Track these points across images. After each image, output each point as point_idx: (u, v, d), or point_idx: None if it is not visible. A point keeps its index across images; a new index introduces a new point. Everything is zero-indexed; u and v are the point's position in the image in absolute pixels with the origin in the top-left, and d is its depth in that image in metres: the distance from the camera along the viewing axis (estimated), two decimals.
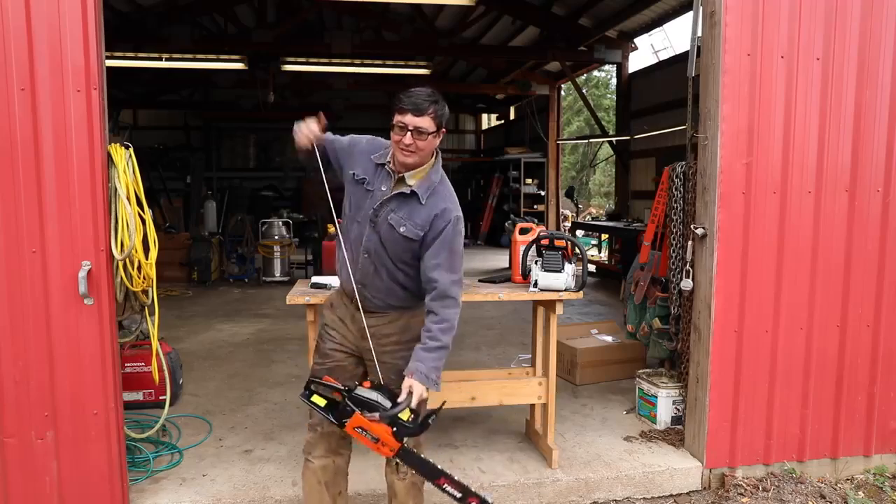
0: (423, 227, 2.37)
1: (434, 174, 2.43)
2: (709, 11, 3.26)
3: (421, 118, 2.29)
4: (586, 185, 22.07)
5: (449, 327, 2.37)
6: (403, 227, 2.37)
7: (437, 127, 2.34)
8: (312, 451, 2.54)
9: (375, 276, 2.44)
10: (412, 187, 2.37)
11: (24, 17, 2.63)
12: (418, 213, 2.37)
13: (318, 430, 2.52)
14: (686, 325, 3.70)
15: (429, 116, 2.30)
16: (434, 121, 2.32)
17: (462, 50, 11.57)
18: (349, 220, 2.50)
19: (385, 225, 2.38)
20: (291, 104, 14.95)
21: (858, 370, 3.47)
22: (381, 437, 2.21)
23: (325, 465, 2.54)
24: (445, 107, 2.37)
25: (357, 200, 2.46)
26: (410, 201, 2.38)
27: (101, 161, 2.74)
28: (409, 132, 2.29)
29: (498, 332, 6.53)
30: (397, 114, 2.31)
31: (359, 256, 2.43)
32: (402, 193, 2.37)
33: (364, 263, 2.43)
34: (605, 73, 21.07)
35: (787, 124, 3.27)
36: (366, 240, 2.42)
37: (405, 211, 2.38)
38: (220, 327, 6.73)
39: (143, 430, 3.55)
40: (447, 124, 2.43)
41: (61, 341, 2.76)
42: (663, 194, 4.14)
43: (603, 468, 3.39)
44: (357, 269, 2.44)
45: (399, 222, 2.37)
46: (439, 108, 2.33)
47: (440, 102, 2.35)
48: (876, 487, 3.44)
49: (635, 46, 10.79)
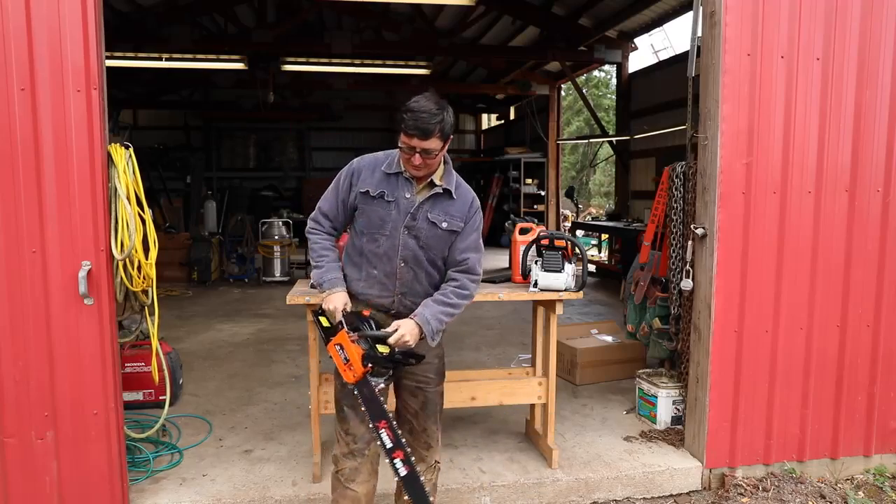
0: (462, 218, 2.48)
1: (450, 167, 2.51)
2: (709, 11, 3.26)
3: (428, 141, 2.29)
4: (586, 185, 22.07)
5: (466, 294, 2.48)
6: (445, 223, 2.45)
7: (444, 142, 2.34)
8: (357, 477, 2.45)
9: (415, 282, 2.49)
10: (443, 185, 2.45)
11: (24, 18, 2.63)
12: (454, 207, 2.47)
13: (366, 454, 2.44)
14: (686, 325, 3.70)
15: (435, 137, 2.29)
16: (441, 139, 2.32)
17: (462, 50, 11.56)
18: (372, 237, 2.47)
19: (425, 225, 2.44)
20: (291, 104, 14.96)
21: (858, 370, 3.47)
22: (350, 357, 2.27)
23: (368, 490, 2.50)
24: (450, 114, 2.35)
25: (380, 215, 2.45)
26: (442, 198, 2.46)
27: (101, 161, 2.74)
28: (418, 153, 2.31)
29: (498, 332, 6.53)
30: (403, 135, 2.31)
31: (396, 268, 2.45)
32: (436, 194, 2.45)
33: (403, 272, 2.46)
34: (605, 73, 21.07)
35: (787, 124, 3.27)
36: (402, 249, 2.44)
37: (440, 208, 2.46)
38: (220, 327, 6.73)
39: (143, 430, 3.55)
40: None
41: (61, 341, 2.76)
42: (663, 194, 4.13)
43: (603, 468, 3.39)
44: (397, 281, 2.47)
45: (440, 219, 2.45)
46: (444, 123, 2.31)
47: (445, 116, 2.31)
48: (876, 487, 3.44)
49: (635, 46, 10.79)
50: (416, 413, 2.57)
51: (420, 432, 2.58)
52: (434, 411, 2.59)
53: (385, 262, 2.46)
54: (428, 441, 2.59)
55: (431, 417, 2.58)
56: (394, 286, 2.47)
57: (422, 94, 2.34)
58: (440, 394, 2.63)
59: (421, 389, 2.55)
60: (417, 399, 2.56)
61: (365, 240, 2.49)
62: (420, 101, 2.30)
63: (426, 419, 2.57)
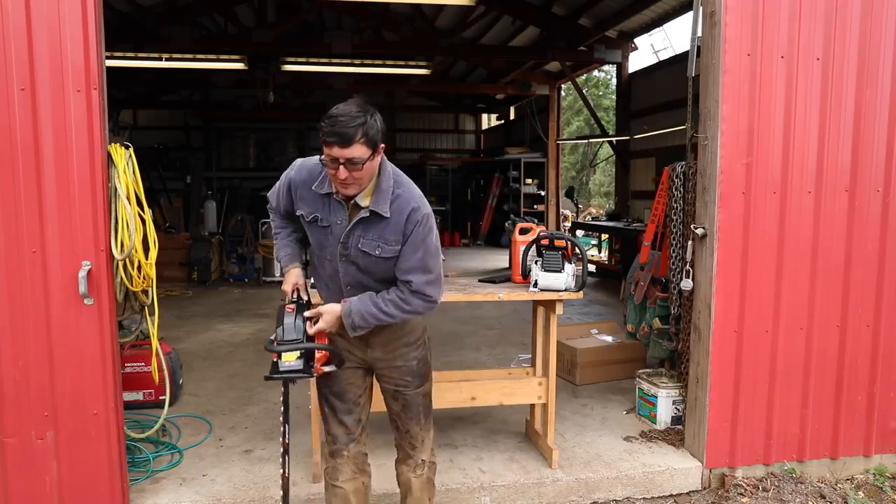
0: (397, 241, 2.21)
1: (384, 182, 2.20)
2: (709, 11, 3.26)
3: (350, 148, 2.03)
4: (586, 185, 22.07)
5: (407, 310, 2.25)
6: (379, 250, 2.21)
7: (371, 150, 2.07)
8: (339, 475, 2.45)
9: None
10: (369, 208, 2.18)
11: (24, 18, 2.63)
12: (387, 229, 2.20)
13: (345, 455, 2.45)
14: (686, 325, 3.70)
15: (359, 143, 2.03)
16: (366, 145, 2.05)
17: (462, 50, 11.56)
18: (318, 258, 2.38)
19: (358, 253, 2.24)
20: (291, 104, 14.95)
21: (858, 370, 3.47)
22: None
23: (356, 487, 2.48)
24: (377, 119, 2.09)
25: (318, 239, 2.31)
26: (374, 221, 2.20)
27: (101, 161, 2.74)
28: (342, 165, 2.06)
29: (498, 332, 6.53)
30: (325, 147, 2.07)
31: (343, 291, 2.33)
32: (363, 218, 2.20)
33: (350, 295, 2.32)
34: (605, 73, 21.07)
35: (787, 124, 3.27)
36: (343, 275, 2.30)
37: (373, 232, 2.21)
38: (220, 327, 6.73)
39: (143, 430, 3.55)
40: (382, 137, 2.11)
41: (61, 341, 2.76)
42: (663, 194, 4.14)
43: (603, 468, 3.39)
44: None
45: (373, 246, 2.21)
46: (369, 127, 2.05)
47: (369, 119, 2.06)
48: (876, 487, 3.44)
49: (635, 46, 10.79)
50: (399, 415, 2.53)
51: (403, 434, 2.54)
52: (416, 413, 2.51)
53: (333, 283, 2.35)
54: (412, 442, 2.54)
55: (413, 420, 2.51)
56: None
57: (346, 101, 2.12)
58: (423, 395, 2.53)
59: (399, 393, 2.49)
60: (398, 402, 2.51)
61: (315, 259, 2.42)
62: (340, 106, 2.08)
63: (408, 421, 2.52)
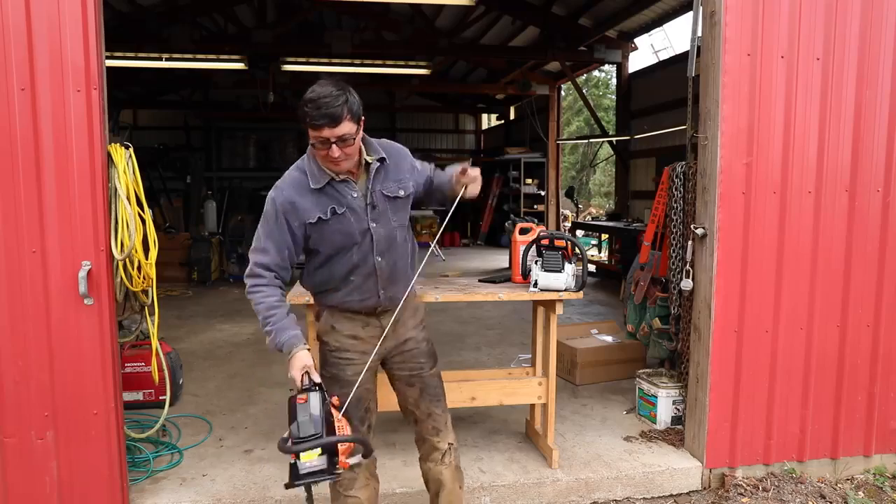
0: (410, 172, 2.40)
1: (367, 139, 2.32)
2: (709, 11, 3.26)
3: (339, 126, 2.09)
4: (586, 185, 22.07)
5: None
6: (401, 190, 2.35)
7: (357, 124, 2.16)
8: (354, 484, 2.41)
9: (395, 268, 2.36)
10: (375, 158, 2.30)
11: (24, 18, 2.63)
12: (396, 170, 2.36)
13: (361, 464, 2.37)
14: (686, 325, 3.70)
15: (346, 121, 2.10)
16: (352, 120, 2.12)
17: (462, 50, 11.56)
18: (341, 257, 2.31)
19: (386, 205, 2.31)
20: (291, 104, 14.94)
21: (858, 370, 3.47)
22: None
23: (369, 494, 2.46)
24: (353, 94, 2.15)
25: (341, 230, 2.27)
26: (382, 169, 2.32)
27: (101, 161, 2.74)
28: (333, 144, 2.11)
29: (498, 332, 6.53)
30: (312, 130, 2.10)
31: (374, 267, 2.32)
32: (375, 170, 2.29)
33: (381, 267, 2.33)
34: (605, 73, 21.08)
35: (787, 124, 3.27)
36: (376, 243, 2.30)
37: (388, 179, 2.33)
38: (220, 327, 6.73)
39: (143, 430, 3.55)
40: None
41: (61, 341, 2.76)
42: (663, 194, 4.14)
43: (603, 468, 3.39)
44: (378, 279, 2.33)
45: (395, 189, 2.34)
46: (351, 103, 2.12)
47: (349, 96, 2.12)
48: (876, 487, 3.44)
49: (635, 46, 10.78)
50: (417, 401, 2.49)
51: (425, 419, 2.50)
52: (435, 394, 2.51)
53: (361, 267, 2.32)
54: (435, 426, 2.50)
55: (433, 401, 2.49)
56: (375, 286, 2.34)
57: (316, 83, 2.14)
58: (437, 375, 2.54)
59: (416, 376, 2.48)
60: (415, 388, 2.49)
61: (334, 262, 2.32)
62: (316, 89, 2.11)
63: (428, 404, 2.49)
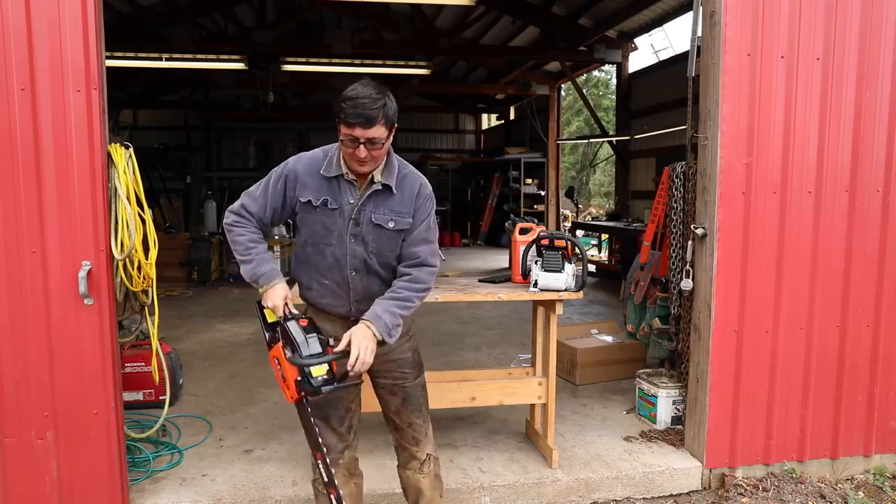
0: (409, 213, 2.31)
1: (393, 161, 2.31)
2: (709, 11, 3.26)
3: (372, 129, 2.10)
4: (586, 185, 22.07)
5: (421, 288, 2.31)
6: (392, 223, 2.29)
7: (389, 130, 2.16)
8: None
9: (369, 289, 2.34)
10: (381, 182, 2.27)
11: (24, 18, 2.63)
12: (399, 203, 2.30)
13: (340, 463, 2.42)
14: (686, 325, 3.70)
15: (380, 124, 2.11)
16: (385, 125, 2.13)
17: (462, 50, 11.56)
18: (318, 248, 2.32)
19: (371, 229, 2.28)
20: (291, 104, 14.96)
21: (858, 370, 3.47)
22: (287, 378, 2.12)
23: (349, 490, 2.46)
24: (392, 100, 2.16)
25: (324, 224, 2.29)
26: (384, 195, 2.28)
27: (101, 161, 2.74)
28: (362, 145, 2.12)
29: (498, 332, 6.53)
30: (344, 126, 2.11)
31: (347, 278, 2.31)
32: (375, 192, 2.27)
33: (355, 281, 2.32)
34: (605, 73, 21.08)
35: (787, 124, 3.27)
36: (350, 258, 2.29)
37: (385, 207, 2.28)
38: (220, 327, 6.73)
39: (143, 430, 3.55)
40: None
41: (61, 341, 2.76)
42: (663, 194, 4.14)
43: (603, 468, 3.39)
44: (350, 291, 2.33)
45: (385, 219, 2.28)
46: (388, 108, 2.13)
47: (388, 101, 2.13)
48: (876, 487, 3.44)
49: (635, 46, 10.79)
50: (398, 410, 2.49)
51: (405, 428, 2.51)
52: (417, 405, 2.50)
53: (335, 272, 2.31)
54: (415, 436, 2.51)
55: (415, 412, 2.49)
56: (348, 295, 2.33)
57: (357, 82, 2.16)
58: (421, 386, 2.53)
59: (399, 386, 2.47)
60: (397, 397, 2.48)
61: (310, 250, 2.34)
62: (357, 88, 2.13)
63: (409, 414, 2.49)
